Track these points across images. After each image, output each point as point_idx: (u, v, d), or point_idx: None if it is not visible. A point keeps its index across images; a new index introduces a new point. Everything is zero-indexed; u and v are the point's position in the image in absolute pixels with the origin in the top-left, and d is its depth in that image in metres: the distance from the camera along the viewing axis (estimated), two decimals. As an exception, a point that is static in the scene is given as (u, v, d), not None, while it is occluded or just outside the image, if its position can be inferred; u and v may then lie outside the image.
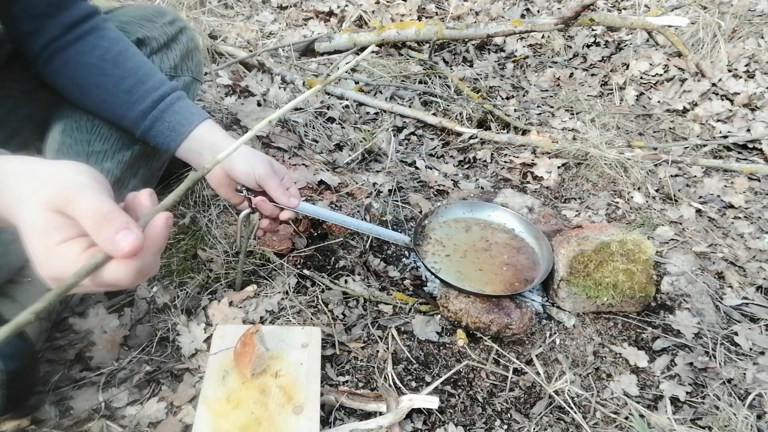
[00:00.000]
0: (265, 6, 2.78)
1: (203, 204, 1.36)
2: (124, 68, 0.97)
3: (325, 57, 2.38)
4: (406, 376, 1.09)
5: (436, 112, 2.10)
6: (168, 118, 0.98)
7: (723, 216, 1.63)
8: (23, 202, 0.50)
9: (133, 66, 0.99)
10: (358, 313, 1.20)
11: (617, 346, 1.19)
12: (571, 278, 1.21)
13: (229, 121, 1.60)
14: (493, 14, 2.84)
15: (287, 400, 0.93)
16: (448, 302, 1.19)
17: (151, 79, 0.99)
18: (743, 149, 1.94)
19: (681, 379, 1.13)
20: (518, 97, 2.28)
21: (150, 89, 0.98)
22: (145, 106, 0.97)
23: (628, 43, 2.56)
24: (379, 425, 0.95)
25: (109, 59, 0.97)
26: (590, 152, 1.80)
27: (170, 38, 1.14)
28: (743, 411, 1.05)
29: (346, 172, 1.63)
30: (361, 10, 2.70)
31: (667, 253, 1.43)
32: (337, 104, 1.97)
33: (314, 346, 1.03)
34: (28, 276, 0.97)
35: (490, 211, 1.45)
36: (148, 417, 0.94)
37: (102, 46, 0.97)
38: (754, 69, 2.26)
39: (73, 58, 0.96)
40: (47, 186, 0.49)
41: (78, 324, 1.06)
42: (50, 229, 0.49)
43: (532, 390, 1.10)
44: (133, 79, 0.97)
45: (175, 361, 1.05)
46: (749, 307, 1.30)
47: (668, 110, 2.16)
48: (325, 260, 1.32)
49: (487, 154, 1.87)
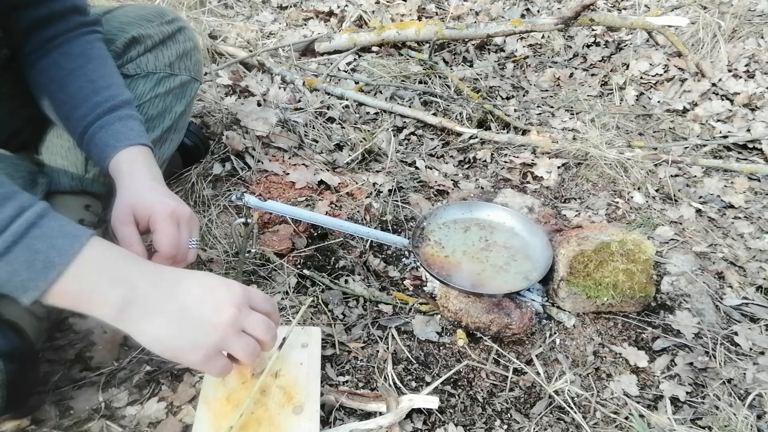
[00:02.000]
0: (265, 6, 2.78)
1: (203, 204, 1.36)
2: (66, 92, 0.93)
3: (325, 57, 2.38)
4: (406, 376, 1.09)
5: (436, 112, 2.10)
6: (91, 149, 0.91)
7: (723, 216, 1.63)
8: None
9: (75, 89, 0.93)
10: (358, 313, 1.20)
11: (617, 346, 1.19)
12: (571, 278, 1.21)
13: (229, 121, 1.60)
14: (493, 14, 2.84)
15: (287, 400, 0.93)
16: (448, 302, 1.20)
17: (83, 105, 0.92)
18: (743, 149, 1.94)
19: (681, 379, 1.13)
20: (518, 97, 2.28)
21: (80, 117, 0.91)
22: (77, 135, 0.92)
23: (628, 43, 2.56)
24: (379, 425, 0.95)
25: (57, 80, 0.93)
26: (590, 152, 1.80)
27: (166, 36, 1.14)
28: (743, 411, 1.05)
29: (346, 172, 1.64)
30: (361, 10, 2.70)
31: (667, 253, 1.43)
32: (337, 104, 1.97)
33: (314, 346, 1.03)
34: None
35: (489, 211, 1.45)
36: (148, 417, 0.94)
37: (59, 63, 0.93)
38: (754, 69, 2.26)
39: (36, 75, 0.94)
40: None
41: (78, 324, 1.06)
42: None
43: (532, 390, 1.10)
44: (69, 105, 0.93)
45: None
46: (749, 307, 1.30)
47: (668, 110, 2.16)
48: (325, 260, 1.32)
49: (487, 154, 1.87)
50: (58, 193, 1.04)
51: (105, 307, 0.63)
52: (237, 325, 0.69)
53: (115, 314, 0.64)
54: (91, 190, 1.06)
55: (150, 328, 0.65)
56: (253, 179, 1.45)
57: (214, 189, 1.41)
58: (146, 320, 0.64)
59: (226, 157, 1.49)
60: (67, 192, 1.04)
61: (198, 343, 0.67)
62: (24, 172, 0.94)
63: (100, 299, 0.63)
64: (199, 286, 0.68)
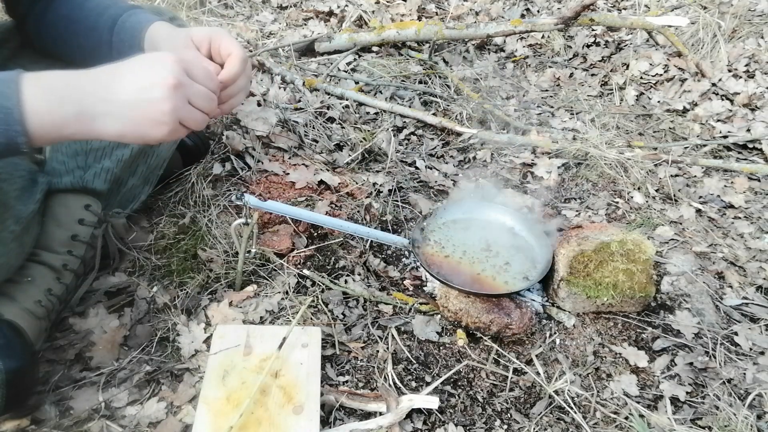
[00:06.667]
0: (265, 6, 2.78)
1: (203, 204, 1.36)
2: (85, 9, 0.99)
3: (325, 57, 2.38)
4: (406, 376, 1.09)
5: (436, 112, 2.10)
6: (123, 36, 0.96)
7: (723, 216, 1.63)
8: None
9: (93, 5, 0.99)
10: (358, 313, 1.20)
11: (617, 346, 1.19)
12: (571, 278, 1.21)
13: (229, 121, 1.60)
14: (493, 14, 2.84)
15: (287, 400, 0.93)
16: (448, 302, 1.20)
17: (108, 10, 0.98)
18: (743, 149, 1.94)
19: (681, 379, 1.13)
20: (518, 97, 2.28)
21: (109, 17, 0.97)
22: (106, 31, 0.96)
23: (628, 43, 2.56)
24: (379, 425, 0.95)
25: (77, 5, 0.99)
26: (590, 152, 1.80)
27: None
28: (743, 411, 1.05)
29: (346, 172, 1.63)
30: (361, 10, 2.70)
31: (667, 253, 1.43)
32: (337, 104, 1.97)
33: (314, 346, 1.04)
34: (28, 276, 0.97)
35: (489, 211, 1.45)
36: (148, 417, 0.94)
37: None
38: (754, 69, 2.26)
39: (52, 15, 0.99)
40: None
41: (78, 324, 1.06)
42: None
43: (532, 390, 1.10)
44: (95, 13, 0.98)
45: (175, 361, 1.05)
46: (749, 307, 1.30)
47: (668, 110, 2.16)
48: (325, 260, 1.32)
49: (487, 154, 1.87)
50: (58, 192, 1.04)
51: (71, 126, 0.69)
52: (180, 96, 0.72)
53: (81, 129, 0.69)
54: (91, 187, 1.06)
55: (110, 129, 0.70)
56: (253, 179, 1.45)
57: (214, 189, 1.41)
58: (102, 124, 0.70)
59: (226, 157, 1.49)
60: (68, 190, 1.05)
61: (156, 121, 0.71)
62: (23, 171, 0.94)
63: (64, 122, 0.68)
64: (133, 73, 0.71)
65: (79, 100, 0.68)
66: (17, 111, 0.65)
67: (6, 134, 0.65)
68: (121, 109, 0.70)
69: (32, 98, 0.66)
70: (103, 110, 0.69)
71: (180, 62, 0.73)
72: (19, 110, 0.65)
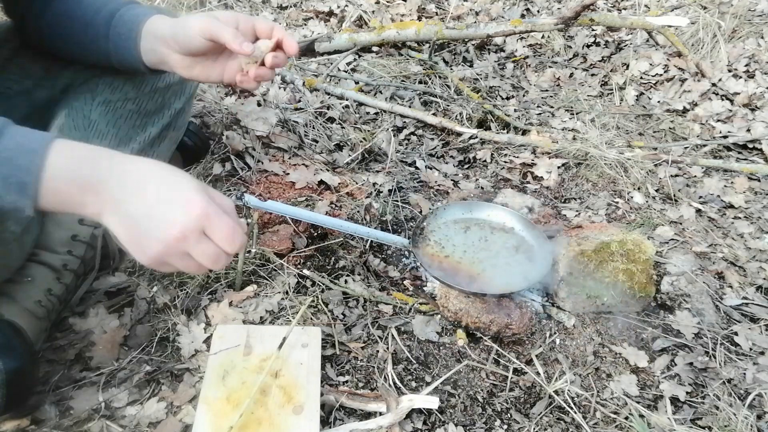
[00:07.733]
0: (265, 6, 2.78)
1: (203, 204, 1.36)
2: (82, 6, 0.98)
3: (325, 57, 2.38)
4: (406, 376, 1.09)
5: (436, 112, 2.10)
6: (120, 30, 0.95)
7: (723, 216, 1.63)
8: None
9: (91, 1, 0.99)
10: (358, 313, 1.20)
11: (617, 346, 1.19)
12: (571, 278, 1.21)
13: (229, 121, 1.60)
14: (493, 14, 2.84)
15: (287, 400, 0.93)
16: (448, 302, 1.20)
17: (105, 6, 0.97)
18: (743, 149, 1.94)
19: (681, 379, 1.13)
20: (518, 97, 2.28)
21: (106, 12, 0.96)
22: (103, 25, 0.96)
23: (628, 43, 2.56)
24: (379, 425, 0.95)
25: (74, 3, 0.98)
26: (590, 152, 1.80)
27: None
28: (743, 411, 1.05)
29: (346, 172, 1.63)
30: (361, 10, 2.70)
31: (667, 253, 1.43)
32: (337, 104, 1.97)
33: (314, 346, 1.04)
34: (28, 276, 0.97)
35: (489, 211, 1.45)
36: (148, 417, 0.94)
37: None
38: (754, 69, 2.26)
39: (50, 14, 0.98)
40: None
41: (78, 324, 1.06)
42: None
43: (532, 390, 1.10)
44: (92, 9, 0.97)
45: (175, 361, 1.05)
46: (749, 307, 1.30)
47: (668, 110, 2.16)
48: (325, 260, 1.32)
49: (487, 154, 1.87)
50: None
51: (77, 208, 0.67)
52: (178, 248, 0.67)
53: (83, 212, 0.67)
54: None
55: (106, 223, 0.68)
56: (253, 179, 1.45)
57: (214, 189, 1.41)
58: (107, 217, 0.68)
59: (226, 157, 1.49)
60: None
61: (142, 250, 0.68)
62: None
63: (74, 204, 0.66)
64: (156, 195, 0.67)
65: (97, 192, 0.66)
66: (33, 188, 0.63)
67: (14, 204, 0.63)
68: (125, 217, 0.67)
69: (53, 181, 0.63)
70: (111, 210, 0.67)
71: (203, 217, 0.67)
72: (35, 188, 0.63)
